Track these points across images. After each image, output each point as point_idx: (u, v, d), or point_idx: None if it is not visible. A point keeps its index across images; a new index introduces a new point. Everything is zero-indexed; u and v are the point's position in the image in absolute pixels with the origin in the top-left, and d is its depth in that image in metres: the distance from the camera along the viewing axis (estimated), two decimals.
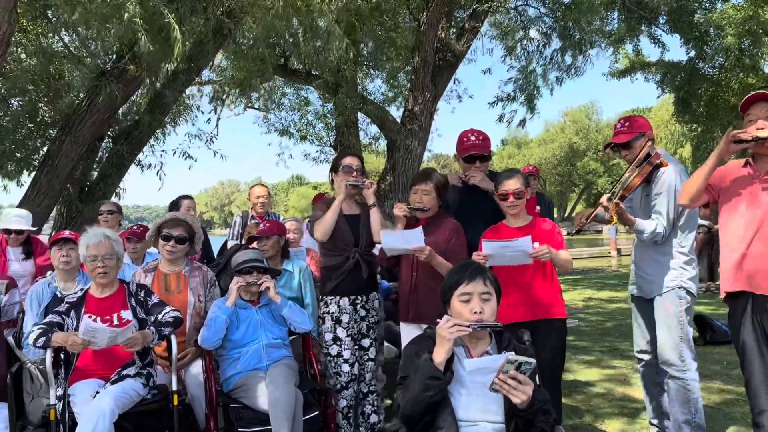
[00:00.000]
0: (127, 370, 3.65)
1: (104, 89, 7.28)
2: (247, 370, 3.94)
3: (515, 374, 2.35)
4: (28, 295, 4.38)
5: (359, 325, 4.36)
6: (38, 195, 7.86)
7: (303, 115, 12.24)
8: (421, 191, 4.04)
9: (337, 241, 4.33)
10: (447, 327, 2.46)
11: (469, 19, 11.06)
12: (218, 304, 4.09)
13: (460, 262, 2.89)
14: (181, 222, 4.44)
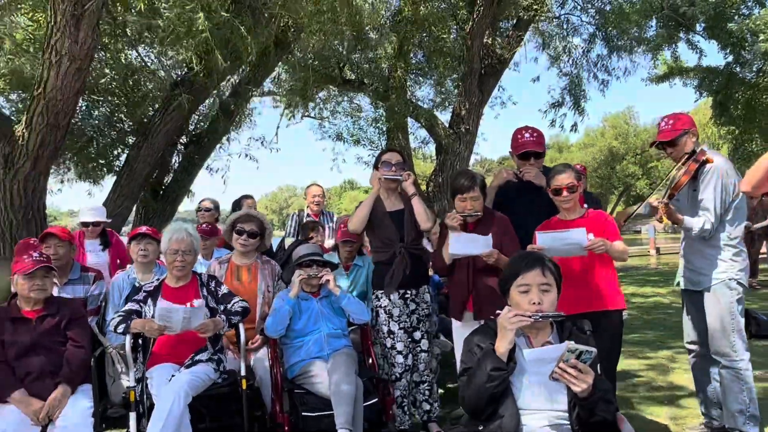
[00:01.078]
0: (199, 355, 3.66)
1: (176, 100, 7.40)
2: (310, 357, 3.92)
3: (576, 363, 2.24)
4: (110, 286, 4.46)
5: (410, 318, 4.26)
6: (119, 197, 8.04)
7: (356, 121, 12.23)
8: (471, 198, 3.89)
9: (382, 237, 4.27)
10: (508, 317, 2.36)
11: (513, 28, 10.90)
12: (282, 295, 4.08)
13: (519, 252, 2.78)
14: (253, 218, 4.49)
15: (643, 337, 7.34)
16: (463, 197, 3.90)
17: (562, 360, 2.23)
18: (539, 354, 2.31)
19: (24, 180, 6.10)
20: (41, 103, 5.66)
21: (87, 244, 5.66)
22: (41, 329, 3.45)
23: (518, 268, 2.48)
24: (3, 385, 3.31)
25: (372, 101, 11.51)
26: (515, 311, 2.38)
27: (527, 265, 2.47)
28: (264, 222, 4.53)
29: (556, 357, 2.25)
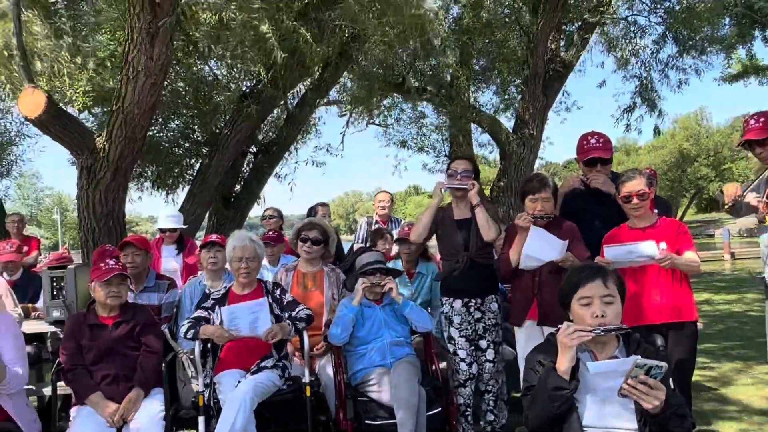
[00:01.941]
0: (265, 362, 3.67)
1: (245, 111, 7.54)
2: (373, 365, 3.86)
3: (645, 379, 2.06)
4: (182, 292, 4.55)
5: (474, 326, 4.13)
6: (192, 205, 8.26)
7: (419, 128, 12.16)
8: (542, 199, 3.75)
9: (449, 246, 4.18)
10: (568, 333, 2.20)
11: (578, 31, 10.57)
12: (345, 303, 4.04)
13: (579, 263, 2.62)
14: (316, 225, 4.49)
15: (716, 347, 6.94)
16: (534, 197, 3.77)
17: (630, 376, 2.07)
18: (604, 367, 2.17)
19: (105, 190, 6.34)
20: (120, 117, 5.87)
21: (164, 249, 5.85)
22: (116, 335, 3.54)
23: (578, 280, 2.33)
24: (81, 387, 3.41)
25: (435, 108, 11.42)
26: (575, 326, 2.23)
27: (587, 277, 2.31)
28: (327, 229, 4.53)
29: (622, 371, 2.10)
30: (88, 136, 6.27)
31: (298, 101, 9.29)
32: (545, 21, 9.22)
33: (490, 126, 10.50)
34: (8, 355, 3.17)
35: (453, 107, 9.83)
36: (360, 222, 6.86)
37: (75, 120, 6.29)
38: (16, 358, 3.21)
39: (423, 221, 4.21)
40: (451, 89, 9.90)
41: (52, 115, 5.74)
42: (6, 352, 3.17)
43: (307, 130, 10.92)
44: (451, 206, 4.26)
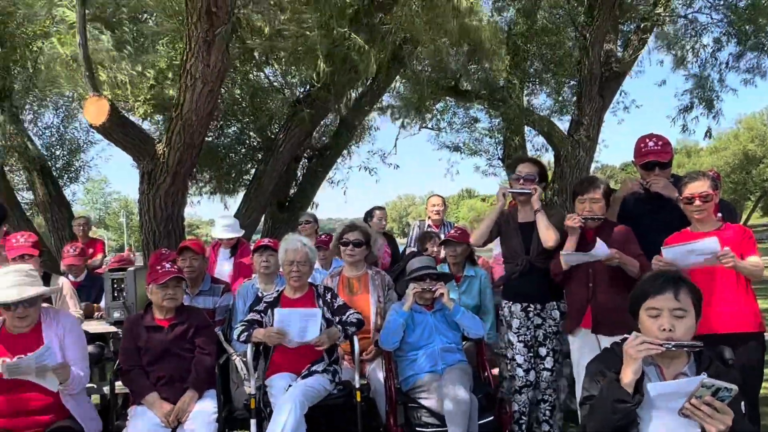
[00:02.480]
0: (316, 366, 3.65)
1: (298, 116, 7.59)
2: (424, 372, 3.79)
3: (711, 401, 1.90)
4: (236, 295, 4.59)
5: (534, 332, 3.99)
6: (248, 209, 8.38)
7: (472, 131, 12.01)
8: (590, 200, 3.61)
9: (509, 249, 4.08)
10: (635, 345, 2.06)
11: (635, 31, 10.20)
12: (395, 308, 3.99)
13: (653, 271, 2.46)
14: (356, 227, 4.45)
15: None
16: (582, 198, 3.64)
17: (695, 395, 1.92)
18: (667, 388, 2.02)
19: (165, 194, 6.49)
20: (178, 123, 5.99)
21: (220, 252, 5.94)
22: (172, 337, 3.58)
23: (649, 288, 2.18)
24: (138, 388, 3.47)
25: (488, 111, 11.26)
26: (644, 338, 2.09)
27: (658, 287, 2.15)
28: (368, 231, 4.49)
29: (686, 392, 1.94)
30: (149, 142, 6.44)
31: (351, 106, 9.31)
32: (601, 21, 8.94)
33: (544, 128, 10.25)
34: (71, 356, 3.24)
35: (506, 110, 9.67)
36: (412, 226, 6.80)
37: (136, 127, 6.47)
38: (78, 359, 3.27)
39: (483, 224, 4.14)
40: (504, 92, 9.74)
41: (114, 123, 5.91)
42: (69, 352, 3.24)
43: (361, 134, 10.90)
44: (516, 209, 4.15)
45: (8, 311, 3.13)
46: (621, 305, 3.45)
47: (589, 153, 9.77)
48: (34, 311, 3.20)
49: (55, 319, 3.32)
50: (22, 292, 3.10)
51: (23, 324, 3.18)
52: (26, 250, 4.13)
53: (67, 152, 8.85)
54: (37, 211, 8.83)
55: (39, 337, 3.21)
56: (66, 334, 3.29)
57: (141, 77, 6.75)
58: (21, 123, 7.80)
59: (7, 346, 3.14)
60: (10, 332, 3.21)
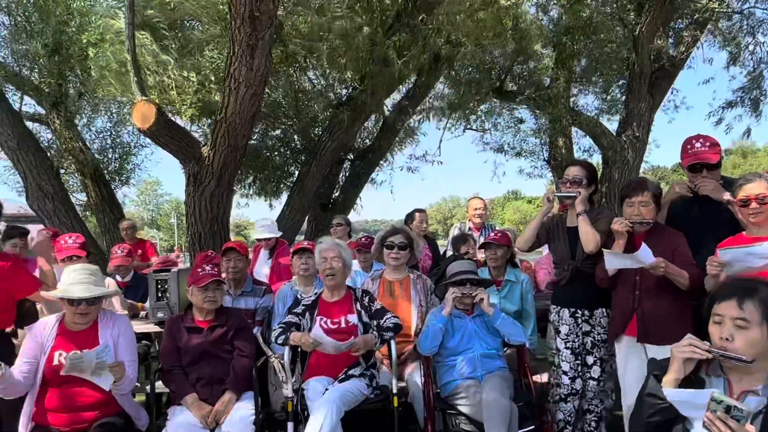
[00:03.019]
0: (352, 370, 3.61)
1: (340, 118, 7.61)
2: (462, 378, 3.71)
3: (725, 417, 1.80)
4: (275, 297, 4.61)
5: (582, 339, 3.86)
6: (291, 211, 8.47)
7: (517, 132, 11.82)
8: (639, 203, 3.43)
9: (556, 253, 3.98)
10: (682, 345, 1.98)
11: (687, 28, 9.82)
12: (434, 312, 3.92)
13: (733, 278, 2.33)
14: (399, 230, 4.42)
15: None
16: (631, 201, 3.47)
17: (710, 409, 1.83)
18: (680, 396, 1.94)
19: (210, 196, 6.60)
20: (223, 126, 6.08)
21: (261, 253, 6.00)
22: (211, 338, 3.61)
23: (717, 293, 2.08)
24: (178, 388, 3.51)
25: (533, 111, 11.07)
26: (692, 340, 1.99)
27: (724, 293, 2.05)
28: (411, 234, 4.45)
29: (700, 404, 1.87)
30: (195, 145, 6.55)
31: (394, 108, 9.29)
32: (651, 18, 8.65)
33: (591, 129, 10.01)
34: (123, 357, 3.31)
35: (552, 110, 9.47)
36: (453, 229, 6.71)
37: (183, 130, 6.59)
38: (129, 361, 3.34)
39: (529, 229, 4.03)
40: (550, 92, 9.54)
41: (161, 126, 6.04)
42: (121, 353, 3.31)
43: (405, 136, 10.86)
44: (567, 212, 4.04)
45: (71, 306, 3.23)
46: (669, 313, 3.33)
47: (638, 154, 9.46)
48: (94, 310, 3.31)
49: (112, 320, 3.41)
50: (88, 291, 3.21)
51: (83, 321, 3.28)
52: (74, 252, 4.25)
53: (118, 156, 9.10)
54: (90, 213, 9.11)
55: (95, 336, 3.30)
56: (120, 335, 3.37)
57: (187, 81, 6.87)
58: (75, 128, 8.07)
59: (64, 341, 3.25)
60: (69, 329, 3.31)
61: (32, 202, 7.40)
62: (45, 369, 3.19)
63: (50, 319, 3.36)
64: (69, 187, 8.93)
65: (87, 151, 8.07)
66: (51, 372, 3.17)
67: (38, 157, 7.28)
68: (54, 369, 3.16)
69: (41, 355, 3.21)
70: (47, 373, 3.18)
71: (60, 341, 3.25)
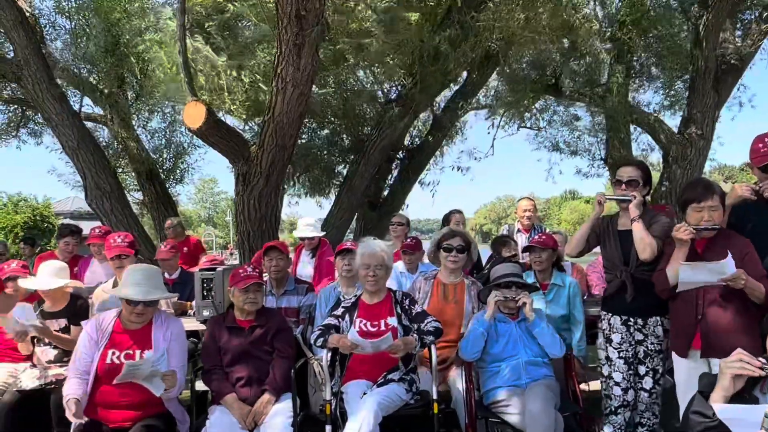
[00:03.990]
0: (392, 374, 3.56)
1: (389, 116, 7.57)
2: (506, 385, 3.62)
3: None
4: (318, 297, 4.61)
5: (634, 348, 3.68)
6: (340, 210, 8.48)
7: (572, 130, 11.49)
8: (708, 208, 3.22)
9: (608, 258, 3.79)
10: (730, 361, 1.89)
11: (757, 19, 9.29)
12: (477, 316, 3.83)
13: None
14: (457, 233, 4.35)
15: None
16: (699, 207, 3.24)
17: (763, 426, 1.70)
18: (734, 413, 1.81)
19: (258, 195, 6.68)
20: (271, 126, 6.14)
21: (303, 254, 6.01)
22: (251, 338, 3.63)
23: None
24: (219, 388, 3.54)
25: (589, 109, 10.73)
26: (742, 355, 1.86)
27: None
28: (467, 236, 4.37)
29: (754, 421, 1.74)
30: (244, 145, 6.65)
31: (444, 106, 9.18)
32: (716, 10, 8.22)
33: (651, 126, 9.60)
34: (174, 362, 3.37)
35: (609, 107, 9.14)
36: (501, 230, 6.55)
37: (232, 130, 6.70)
38: (180, 366, 3.41)
39: (579, 234, 3.88)
40: (608, 88, 9.22)
41: (211, 126, 6.15)
42: (173, 358, 3.38)
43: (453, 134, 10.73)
44: (618, 215, 3.86)
45: (129, 306, 3.33)
46: (735, 326, 3.12)
47: (702, 152, 9.02)
48: (150, 311, 3.41)
49: (166, 324, 3.48)
50: (147, 294, 3.31)
51: (138, 320, 3.37)
52: (122, 250, 4.36)
53: (172, 155, 9.36)
54: (146, 211, 9.39)
55: (148, 337, 3.39)
56: (173, 340, 3.43)
57: (237, 82, 6.98)
58: (132, 128, 8.33)
59: (119, 339, 3.34)
60: (124, 326, 3.40)
61: (91, 200, 7.67)
62: (98, 365, 3.27)
63: (108, 315, 3.46)
64: (126, 186, 9.24)
65: (143, 150, 8.31)
66: (103, 369, 3.26)
67: (96, 156, 7.53)
68: (107, 367, 3.24)
69: (96, 351, 3.30)
70: (99, 370, 3.26)
71: (114, 338, 3.34)
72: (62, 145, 7.57)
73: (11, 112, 9.41)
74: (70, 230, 6.01)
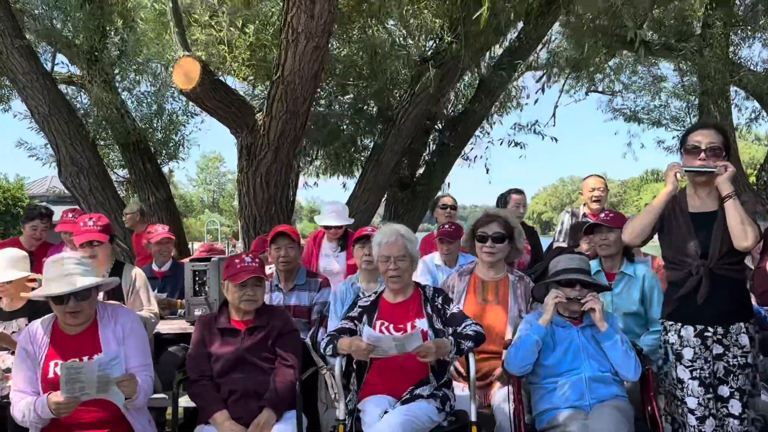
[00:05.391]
0: (420, 389, 3.49)
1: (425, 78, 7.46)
2: (565, 406, 3.54)
3: None
4: (332, 295, 4.57)
5: (713, 366, 3.51)
6: (364, 191, 8.43)
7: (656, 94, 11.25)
8: None
9: (676, 248, 3.57)
10: None
11: None
12: (530, 320, 3.75)
13: None
14: (495, 217, 4.25)
15: None
16: None
17: None
18: None
19: (266, 172, 6.68)
20: (280, 88, 6.11)
21: (324, 245, 5.97)
22: (249, 343, 3.60)
23: None
24: (206, 403, 3.50)
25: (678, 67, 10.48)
26: None
27: None
28: (509, 220, 4.26)
29: None
30: (248, 111, 6.64)
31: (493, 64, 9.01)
32: None
33: (757, 89, 9.34)
34: (133, 362, 3.34)
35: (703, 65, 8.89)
36: (562, 216, 6.42)
37: (233, 93, 6.69)
38: (142, 366, 3.37)
39: (645, 217, 3.62)
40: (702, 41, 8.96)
41: (207, 88, 6.14)
42: (131, 357, 3.35)
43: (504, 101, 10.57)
44: (684, 193, 3.66)
45: (59, 305, 3.25)
46: None
47: None
48: (88, 306, 3.31)
49: (114, 317, 3.43)
50: (71, 283, 3.21)
51: (76, 321, 3.31)
52: (94, 236, 4.33)
53: (165, 125, 9.35)
54: (132, 191, 9.47)
55: (95, 339, 3.35)
56: (128, 336, 3.39)
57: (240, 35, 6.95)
58: (115, 92, 8.37)
59: (60, 349, 3.29)
60: (66, 332, 3.36)
61: (65, 178, 7.76)
62: (42, 384, 3.24)
63: (42, 321, 3.41)
64: (109, 162, 9.31)
65: (129, 119, 8.35)
66: (47, 384, 3.22)
67: (72, 125, 7.58)
68: (50, 382, 3.20)
69: (36, 368, 3.27)
70: (44, 389, 3.22)
71: (54, 349, 3.29)
72: (31, 111, 7.67)
73: None
74: (38, 212, 6.07)
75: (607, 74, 12.22)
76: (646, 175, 17.05)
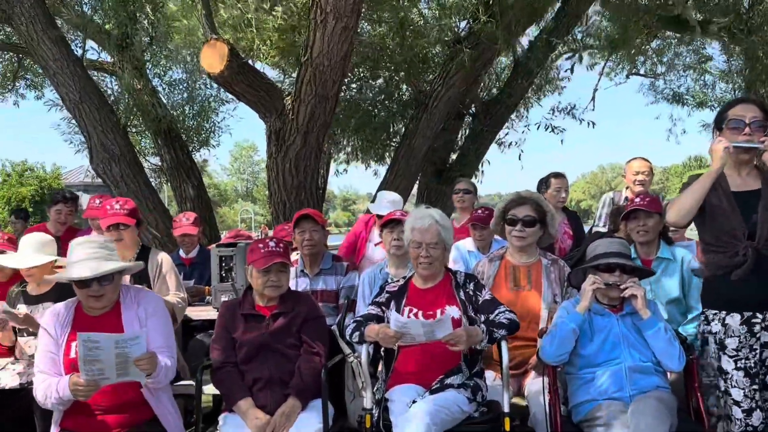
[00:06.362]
0: (451, 378, 3.41)
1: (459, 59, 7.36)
2: (603, 398, 3.41)
3: None
4: (360, 280, 4.50)
5: (760, 355, 3.37)
6: (396, 177, 8.40)
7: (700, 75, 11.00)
8: None
9: (719, 230, 3.41)
10: None
11: None
12: (567, 307, 3.62)
13: None
14: (526, 199, 4.15)
15: None
16: None
17: None
18: None
19: (295, 157, 6.65)
20: (308, 71, 6.06)
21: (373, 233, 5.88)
22: (274, 329, 3.54)
23: None
24: (231, 391, 3.47)
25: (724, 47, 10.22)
26: None
27: None
28: (541, 203, 4.16)
29: None
30: (276, 94, 6.59)
31: (529, 45, 8.85)
32: None
33: None
34: (156, 343, 3.32)
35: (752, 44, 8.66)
36: (603, 199, 6.26)
37: (261, 76, 6.65)
38: (164, 347, 3.35)
39: (691, 196, 3.42)
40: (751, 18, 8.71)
41: (235, 71, 6.10)
42: (154, 339, 3.32)
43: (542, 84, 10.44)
44: (724, 173, 3.47)
45: (82, 289, 3.26)
46: None
47: None
48: (111, 290, 3.32)
49: (136, 299, 3.43)
50: (97, 268, 3.21)
51: (99, 305, 3.31)
52: (120, 219, 4.32)
53: (196, 112, 9.37)
54: (164, 179, 9.53)
55: (118, 321, 3.35)
56: (150, 317, 3.38)
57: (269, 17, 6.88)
58: (146, 78, 8.40)
59: (83, 328, 3.25)
60: (89, 314, 3.37)
61: (96, 165, 7.81)
62: (64, 364, 3.25)
63: (66, 304, 3.43)
64: (141, 149, 9.37)
65: (159, 106, 8.37)
66: (70, 365, 3.22)
67: (103, 112, 7.62)
68: (72, 362, 3.19)
69: (58, 349, 3.28)
70: (67, 369, 3.23)
71: (77, 328, 3.26)
72: (62, 98, 7.73)
73: (6, 61, 9.67)
74: (62, 196, 6.08)
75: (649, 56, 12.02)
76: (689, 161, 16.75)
